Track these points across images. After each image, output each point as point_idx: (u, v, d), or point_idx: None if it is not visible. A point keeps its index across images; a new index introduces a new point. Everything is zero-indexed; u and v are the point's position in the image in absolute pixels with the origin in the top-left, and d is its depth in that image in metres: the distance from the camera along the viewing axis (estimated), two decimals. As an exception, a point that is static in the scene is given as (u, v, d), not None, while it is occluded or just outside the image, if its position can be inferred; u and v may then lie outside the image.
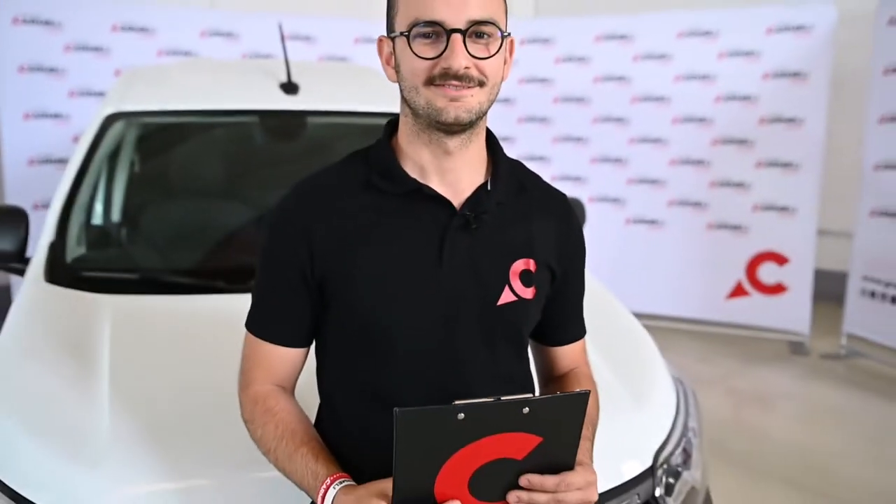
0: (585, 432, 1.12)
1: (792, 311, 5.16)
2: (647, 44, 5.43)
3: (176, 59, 5.20)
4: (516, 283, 1.16)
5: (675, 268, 5.51)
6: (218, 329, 1.81)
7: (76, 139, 4.99)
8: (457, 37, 1.05)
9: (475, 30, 1.06)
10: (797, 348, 5.11)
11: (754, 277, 5.29)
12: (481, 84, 1.09)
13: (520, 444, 0.98)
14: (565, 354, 1.31)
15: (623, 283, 4.60)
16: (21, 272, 2.22)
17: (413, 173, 1.15)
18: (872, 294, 4.84)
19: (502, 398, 0.96)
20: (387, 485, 0.98)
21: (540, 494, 1.00)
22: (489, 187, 1.17)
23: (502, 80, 1.14)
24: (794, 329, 5.16)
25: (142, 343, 1.70)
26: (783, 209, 5.14)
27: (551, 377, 1.33)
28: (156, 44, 5.17)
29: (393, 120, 1.20)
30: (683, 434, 1.69)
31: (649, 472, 1.55)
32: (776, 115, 5.10)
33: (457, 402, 0.93)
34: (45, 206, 4.86)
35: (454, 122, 1.08)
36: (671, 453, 1.62)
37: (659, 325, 5.21)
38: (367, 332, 1.13)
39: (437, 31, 1.06)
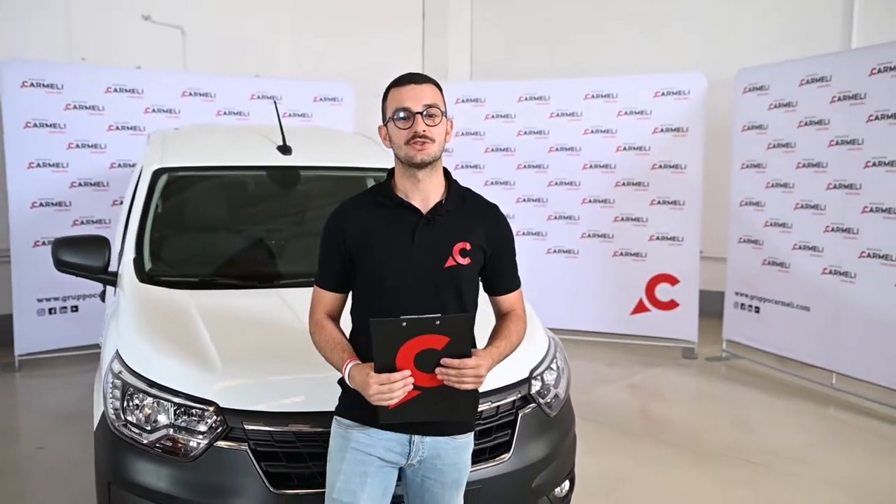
0: (499, 342, 2.10)
1: (683, 324, 6.51)
2: (560, 104, 6.82)
3: (161, 117, 6.27)
4: (456, 255, 2.08)
5: (588, 290, 6.81)
6: (255, 306, 2.97)
7: (73, 185, 6.04)
8: (418, 116, 2.02)
9: (427, 111, 2.03)
10: (688, 353, 6.46)
11: (652, 296, 6.63)
12: (433, 140, 2.04)
13: (438, 341, 1.89)
14: (504, 300, 2.24)
15: (546, 304, 5.66)
16: (106, 281, 3.30)
17: (400, 195, 2.10)
18: (742, 306, 6.24)
19: (423, 315, 1.90)
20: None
21: (449, 369, 1.91)
22: (444, 202, 2.11)
23: (445, 141, 2.10)
24: (685, 338, 6.51)
25: (217, 313, 2.82)
26: (673, 239, 6.52)
27: (499, 315, 2.25)
28: (143, 103, 6.25)
29: (391, 169, 2.22)
30: (551, 363, 2.90)
31: (527, 380, 2.74)
32: (664, 163, 6.51)
33: (402, 317, 1.89)
34: (47, 243, 5.93)
35: (420, 162, 2.03)
36: (542, 371, 2.81)
37: (575, 338, 6.52)
38: (374, 280, 2.09)
39: (408, 115, 2.03)
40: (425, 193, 2.10)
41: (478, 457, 2.55)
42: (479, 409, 2.55)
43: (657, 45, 7.88)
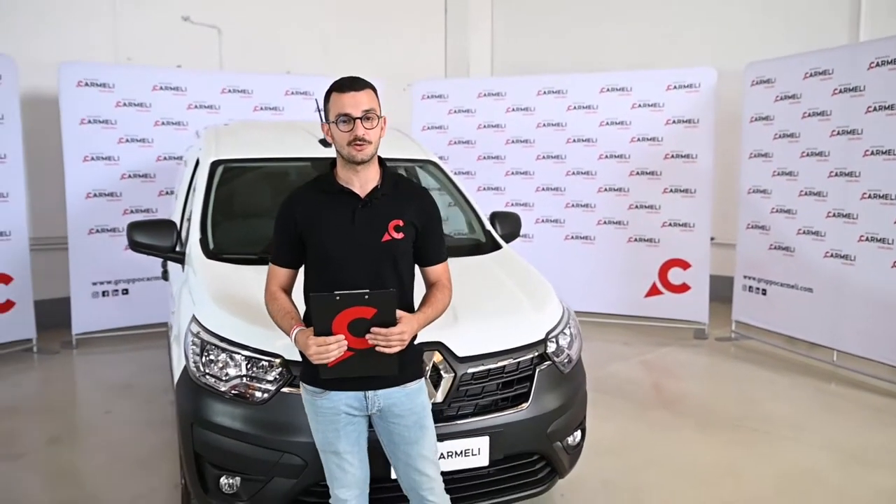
0: (425, 309, 2.46)
1: (694, 306, 6.92)
2: (577, 97, 7.25)
3: (203, 112, 6.78)
4: (392, 231, 2.42)
5: (604, 274, 7.25)
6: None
7: (123, 177, 6.58)
8: (358, 121, 2.33)
9: (365, 115, 2.34)
10: (699, 334, 6.87)
11: (665, 280, 7.06)
12: (370, 142, 2.36)
13: (367, 312, 2.23)
14: (431, 271, 2.58)
15: (564, 288, 6.07)
16: (175, 259, 3.81)
17: (342, 182, 2.44)
18: (750, 288, 6.65)
19: (353, 291, 2.23)
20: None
21: (378, 335, 2.25)
22: (379, 187, 2.45)
23: (380, 138, 2.41)
24: (696, 319, 6.92)
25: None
26: (685, 225, 6.93)
27: (428, 285, 2.58)
28: (187, 100, 6.77)
29: (332, 160, 2.51)
30: (564, 328, 3.35)
31: (543, 341, 3.20)
32: (676, 153, 6.92)
33: (335, 292, 2.23)
34: (100, 231, 6.48)
35: (360, 161, 2.37)
36: (557, 334, 3.27)
37: (592, 320, 6.97)
38: (321, 255, 2.42)
39: (348, 119, 2.34)
40: (363, 181, 2.45)
41: (500, 405, 3.04)
42: (502, 364, 3.06)
43: (670, 39, 8.26)
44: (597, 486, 3.88)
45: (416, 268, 2.62)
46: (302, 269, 2.57)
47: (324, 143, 4.35)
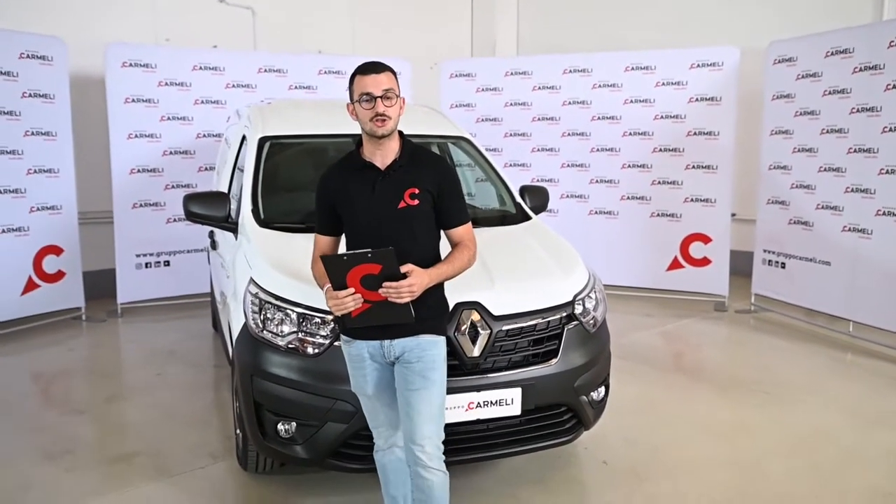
0: (441, 265, 2.68)
1: (715, 279, 7.17)
2: (602, 76, 7.46)
3: (240, 91, 7.08)
4: (407, 198, 2.67)
5: (626, 248, 7.49)
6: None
7: (165, 153, 6.91)
8: (379, 99, 2.58)
9: (385, 94, 2.59)
10: (719, 306, 7.12)
11: (687, 254, 7.29)
12: (390, 118, 2.61)
13: (374, 268, 2.48)
14: (453, 233, 2.80)
15: (588, 261, 6.38)
16: (229, 229, 4.13)
17: (366, 157, 2.72)
18: (770, 262, 6.87)
19: (358, 251, 2.51)
20: None
21: (390, 289, 2.49)
22: (398, 159, 2.70)
23: (399, 116, 2.65)
24: (716, 292, 7.17)
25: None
26: (706, 201, 7.15)
27: (452, 245, 2.80)
28: (225, 79, 7.07)
29: (359, 138, 2.77)
30: (590, 292, 3.63)
31: (571, 302, 3.48)
32: (699, 130, 7.12)
33: (341, 253, 2.59)
34: (143, 205, 6.82)
35: (381, 135, 2.62)
36: (583, 297, 3.55)
37: (615, 293, 7.22)
38: (351, 223, 2.73)
39: (370, 98, 2.59)
40: (384, 154, 2.73)
41: (532, 360, 3.34)
42: (534, 323, 3.35)
43: (694, 19, 8.43)
44: (618, 442, 4.16)
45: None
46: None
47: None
